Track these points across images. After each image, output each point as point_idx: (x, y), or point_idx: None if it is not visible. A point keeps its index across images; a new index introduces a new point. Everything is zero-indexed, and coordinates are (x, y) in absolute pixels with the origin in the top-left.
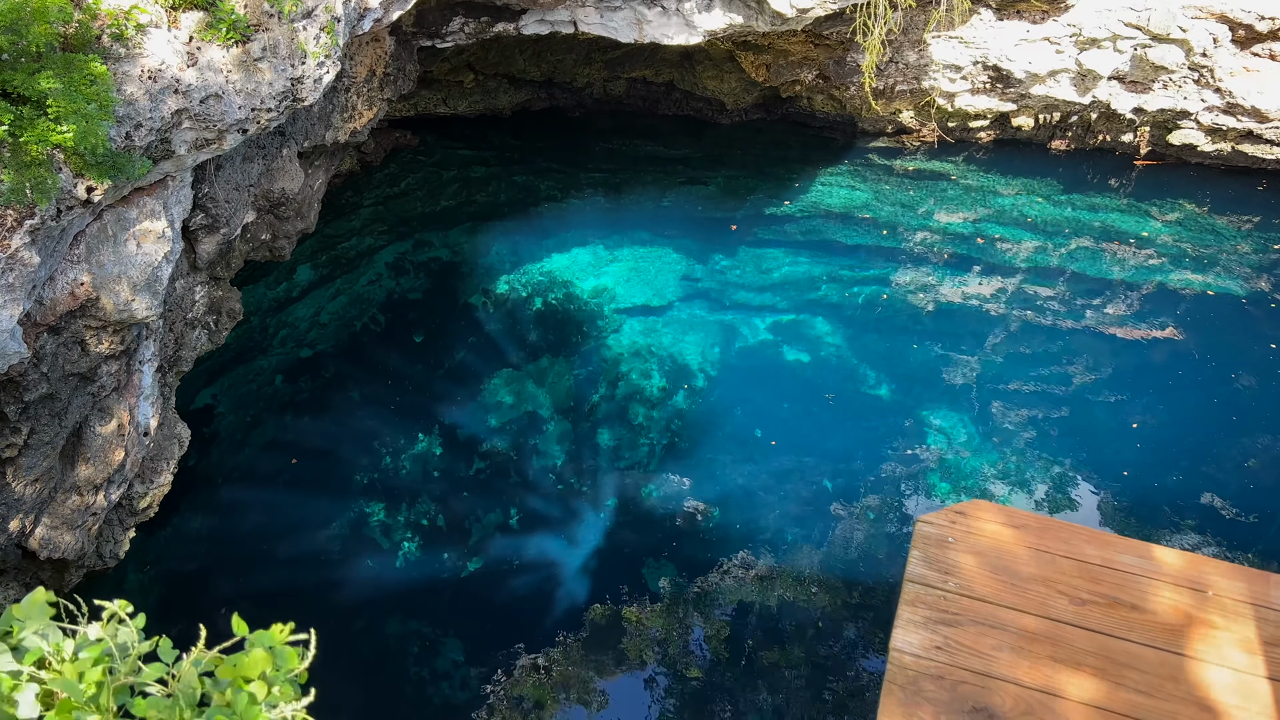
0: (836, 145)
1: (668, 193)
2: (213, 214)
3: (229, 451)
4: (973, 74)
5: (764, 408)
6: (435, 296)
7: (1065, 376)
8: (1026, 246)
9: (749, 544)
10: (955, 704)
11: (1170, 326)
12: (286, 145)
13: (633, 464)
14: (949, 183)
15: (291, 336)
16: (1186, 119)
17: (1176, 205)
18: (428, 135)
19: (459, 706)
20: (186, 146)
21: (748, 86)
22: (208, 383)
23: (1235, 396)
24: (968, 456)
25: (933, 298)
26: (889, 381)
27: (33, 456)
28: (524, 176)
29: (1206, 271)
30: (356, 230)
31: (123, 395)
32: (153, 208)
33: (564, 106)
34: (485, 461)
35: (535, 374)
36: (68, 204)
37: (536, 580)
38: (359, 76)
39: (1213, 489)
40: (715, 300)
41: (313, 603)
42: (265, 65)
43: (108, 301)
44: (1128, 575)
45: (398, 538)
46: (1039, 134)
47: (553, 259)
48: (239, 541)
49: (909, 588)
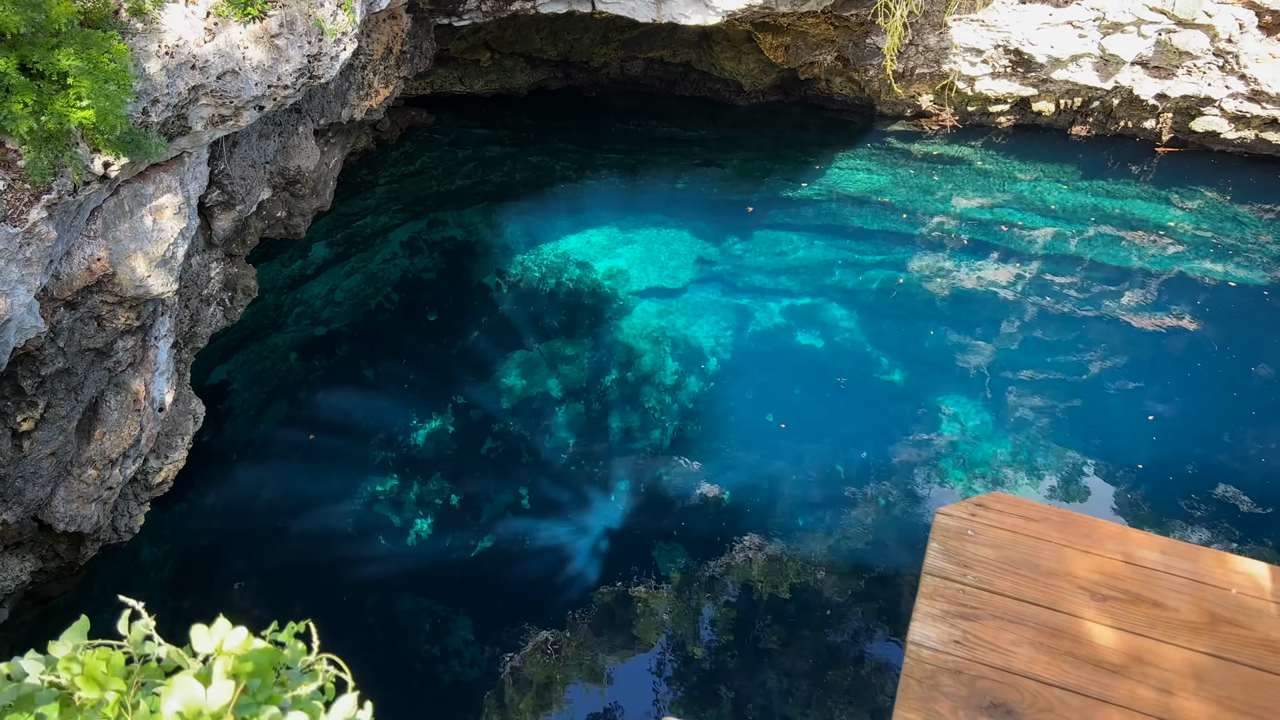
0: (854, 128)
1: (683, 174)
2: (229, 191)
3: (243, 428)
4: (994, 58)
5: (777, 392)
6: (449, 276)
7: (1081, 365)
8: (1045, 233)
9: (760, 528)
10: (973, 699)
11: (1189, 316)
12: (303, 123)
13: (644, 447)
14: (967, 168)
15: (306, 314)
16: (1210, 106)
17: (1198, 193)
18: (443, 114)
19: (469, 684)
20: (203, 123)
21: (766, 68)
22: (223, 359)
23: (1255, 389)
24: (981, 444)
25: (949, 284)
26: (903, 367)
27: (49, 430)
28: (539, 156)
29: (1227, 261)
30: (371, 209)
31: (138, 371)
32: (169, 184)
33: (580, 86)
34: (497, 442)
35: (548, 355)
36: (85, 179)
37: (547, 560)
38: (375, 54)
39: (1231, 482)
40: (729, 283)
41: (325, 579)
42: (282, 42)
43: (124, 277)
44: (1151, 571)
45: (410, 516)
46: (1059, 119)
47: (567, 240)
48: (252, 517)
49: (927, 581)
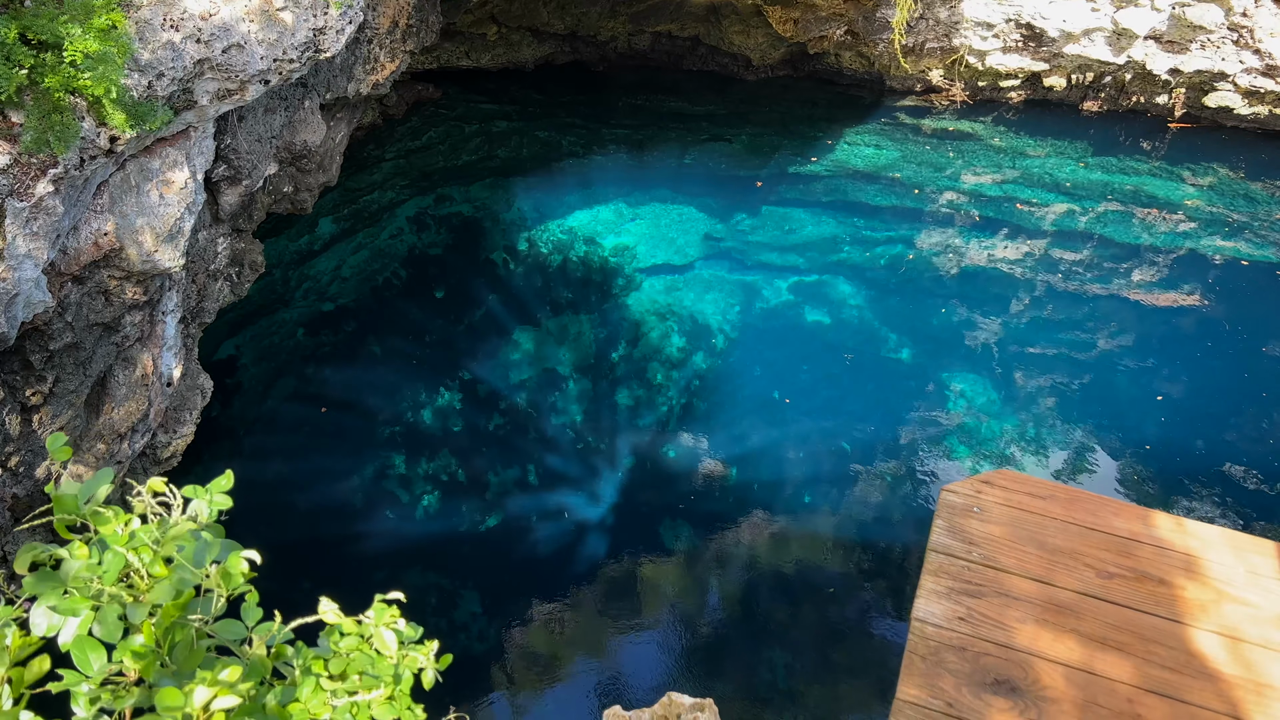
0: (864, 104)
1: (691, 150)
2: (235, 165)
3: (251, 403)
4: (1005, 32)
5: (784, 369)
6: (456, 252)
7: (1090, 343)
8: (1055, 210)
9: (766, 504)
10: (977, 675)
11: (1199, 294)
12: (309, 97)
13: (651, 423)
14: (977, 143)
15: (313, 289)
16: (1224, 81)
17: (1210, 169)
18: (450, 88)
19: (476, 658)
20: (209, 97)
21: (774, 42)
22: (230, 334)
23: (1265, 367)
24: (989, 422)
25: (958, 260)
26: (911, 344)
27: (58, 405)
28: (546, 131)
29: (1239, 238)
30: (378, 184)
31: (146, 345)
32: (175, 158)
33: (588, 61)
34: (505, 418)
35: (555, 331)
36: (90, 153)
37: (554, 536)
38: (381, 28)
39: (1240, 461)
40: (737, 260)
41: (333, 553)
42: (288, 15)
43: (131, 251)
44: (1156, 549)
45: (418, 491)
46: (1071, 95)
47: (574, 215)
48: (261, 491)
49: (932, 557)
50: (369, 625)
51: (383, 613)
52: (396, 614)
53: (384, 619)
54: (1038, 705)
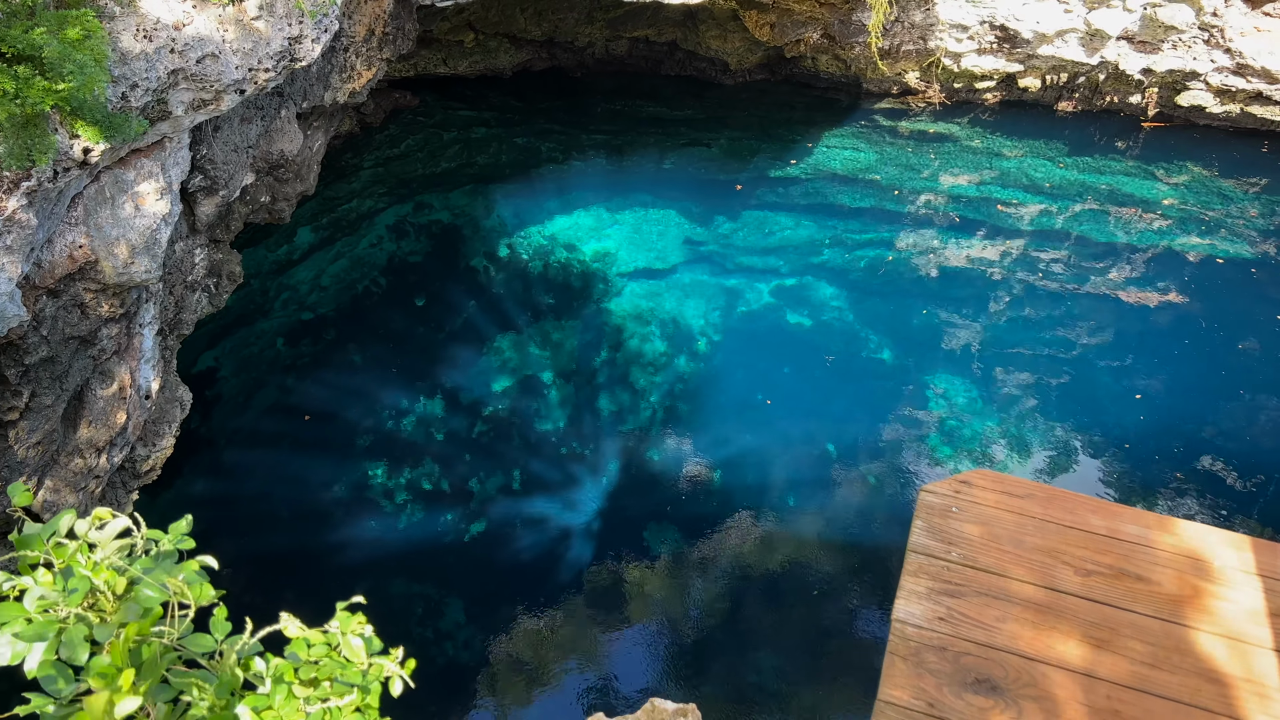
0: (841, 106)
1: (670, 155)
2: (211, 176)
3: (231, 414)
4: (979, 34)
5: (766, 371)
6: (436, 259)
7: (1069, 342)
8: (1031, 209)
9: (750, 507)
10: (958, 675)
11: (1176, 292)
12: (285, 106)
13: (634, 427)
14: (954, 144)
15: (293, 299)
16: (1195, 80)
17: (1184, 168)
18: (428, 96)
19: (462, 667)
20: (184, 107)
21: (752, 46)
22: (209, 346)
23: (1242, 364)
24: (969, 421)
25: (936, 261)
26: (892, 345)
27: (34, 419)
28: (525, 138)
29: (1214, 235)
30: (357, 192)
31: (124, 358)
32: (150, 169)
33: (565, 67)
34: (487, 425)
35: (537, 337)
36: (65, 165)
37: (538, 542)
38: (358, 36)
39: (1216, 457)
40: (718, 264)
41: (316, 564)
42: (262, 24)
43: (106, 264)
44: (1134, 546)
45: (400, 500)
46: (1045, 95)
47: (554, 221)
48: (242, 503)
49: (911, 558)
50: (335, 634)
51: (348, 620)
52: (363, 620)
53: (350, 626)
54: (1018, 704)
